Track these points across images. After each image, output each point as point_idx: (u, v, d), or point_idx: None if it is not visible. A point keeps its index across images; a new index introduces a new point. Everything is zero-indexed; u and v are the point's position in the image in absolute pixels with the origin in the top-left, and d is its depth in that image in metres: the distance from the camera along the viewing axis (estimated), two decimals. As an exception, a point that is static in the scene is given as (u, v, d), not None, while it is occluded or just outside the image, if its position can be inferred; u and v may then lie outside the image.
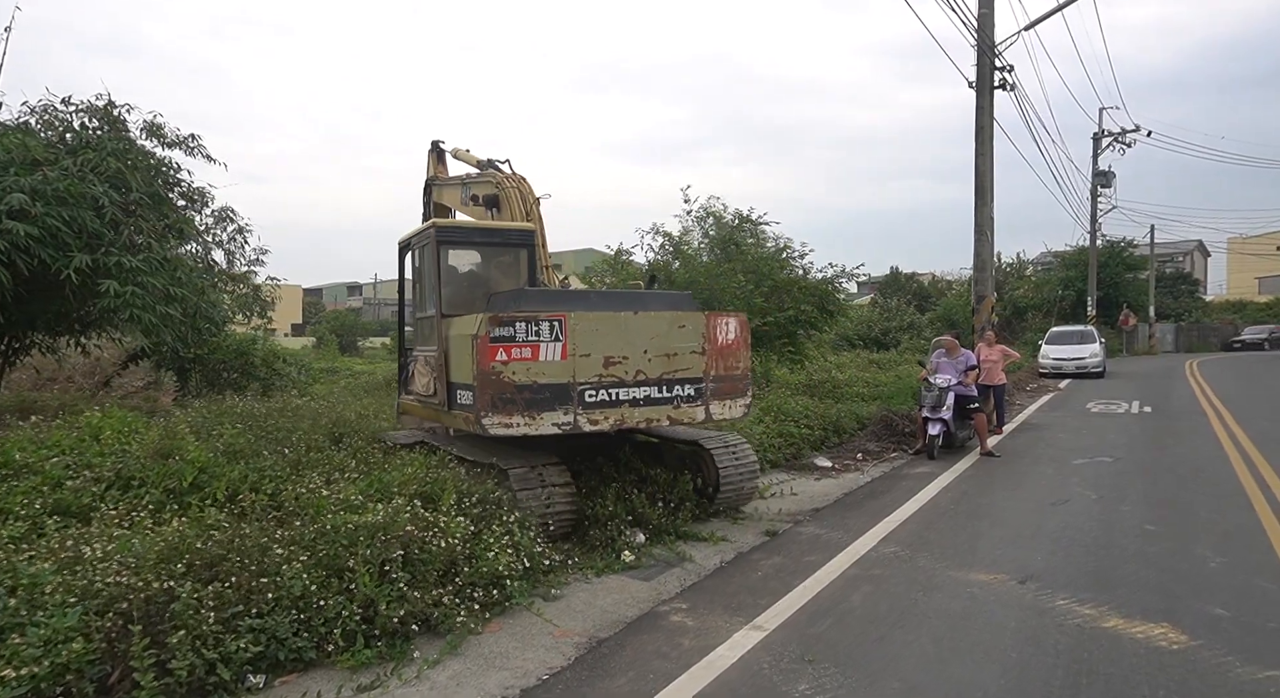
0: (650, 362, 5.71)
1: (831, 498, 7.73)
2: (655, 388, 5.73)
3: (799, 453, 9.74)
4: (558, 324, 5.37)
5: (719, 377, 6.02)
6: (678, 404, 5.84)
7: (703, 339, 5.95)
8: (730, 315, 6.21)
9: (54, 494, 4.65)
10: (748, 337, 6.30)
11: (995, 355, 12.00)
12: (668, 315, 5.91)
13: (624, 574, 5.31)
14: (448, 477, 5.20)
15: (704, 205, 15.29)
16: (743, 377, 6.20)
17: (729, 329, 6.12)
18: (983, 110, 12.95)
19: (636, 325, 5.71)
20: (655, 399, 5.74)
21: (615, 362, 5.56)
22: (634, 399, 5.64)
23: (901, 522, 6.66)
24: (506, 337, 5.22)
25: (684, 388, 5.85)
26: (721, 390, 6.04)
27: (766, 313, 13.50)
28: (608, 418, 5.56)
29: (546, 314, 5.39)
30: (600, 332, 5.53)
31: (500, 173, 7.62)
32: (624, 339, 5.61)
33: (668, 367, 5.80)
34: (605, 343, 5.54)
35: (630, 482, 6.60)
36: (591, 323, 5.51)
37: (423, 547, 4.29)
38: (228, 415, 7.87)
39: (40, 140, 9.11)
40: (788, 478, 8.62)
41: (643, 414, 5.71)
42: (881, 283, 50.73)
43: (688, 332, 5.92)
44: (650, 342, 5.73)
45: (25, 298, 8.77)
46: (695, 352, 5.91)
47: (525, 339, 5.28)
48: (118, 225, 8.95)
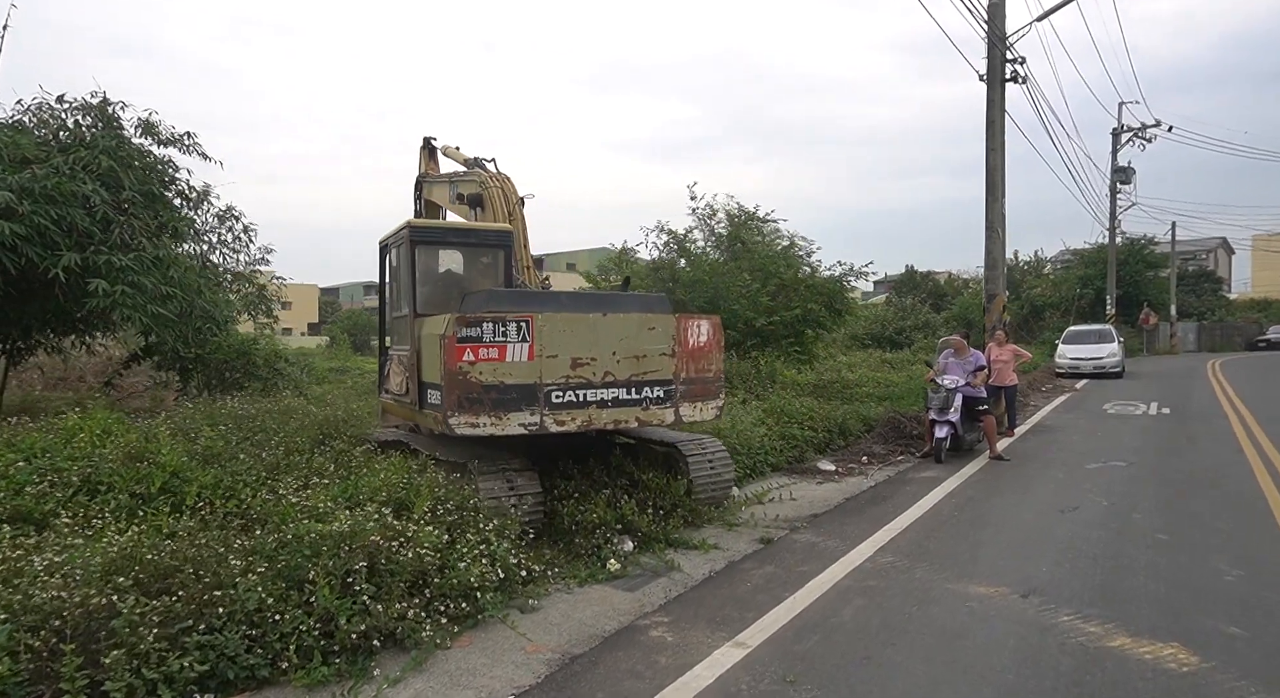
0: (619, 363, 5.66)
1: (832, 503, 7.48)
2: (624, 390, 5.68)
3: (802, 456, 9.49)
4: (525, 325, 5.34)
5: (690, 379, 5.95)
6: (647, 406, 5.78)
7: (673, 341, 5.88)
8: (702, 318, 6.12)
9: (12, 500, 4.50)
10: (721, 339, 6.19)
11: (1006, 356, 11.69)
12: (637, 317, 5.84)
13: (608, 584, 5.10)
14: (423, 483, 5.02)
15: (709, 203, 15.07)
16: (715, 379, 6.11)
17: (701, 331, 6.02)
18: (993, 103, 12.62)
19: (605, 327, 5.66)
20: (624, 401, 5.69)
21: (583, 363, 5.51)
22: (602, 401, 5.59)
23: (902, 529, 6.41)
24: (473, 337, 5.19)
25: (653, 390, 5.80)
26: (693, 392, 5.97)
27: (773, 312, 13.25)
28: (574, 419, 5.51)
29: (514, 315, 5.35)
30: (568, 333, 5.49)
31: (485, 172, 7.57)
32: (592, 341, 5.57)
33: (636, 368, 5.74)
34: (573, 344, 5.49)
35: (621, 486, 6.41)
36: (559, 324, 5.46)
37: (389, 557, 4.10)
38: (216, 416, 7.75)
39: (32, 138, 9.02)
40: (788, 482, 8.37)
41: (611, 416, 5.66)
42: (897, 281, 50.21)
43: (657, 334, 5.84)
44: (619, 343, 5.68)
45: (16, 298, 8.69)
46: (665, 354, 5.85)
47: (492, 340, 5.25)
48: (109, 224, 8.84)
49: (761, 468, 8.65)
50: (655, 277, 13.72)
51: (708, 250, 14.78)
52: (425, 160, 9.43)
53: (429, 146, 9.41)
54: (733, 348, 13.67)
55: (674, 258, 14.21)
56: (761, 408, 10.31)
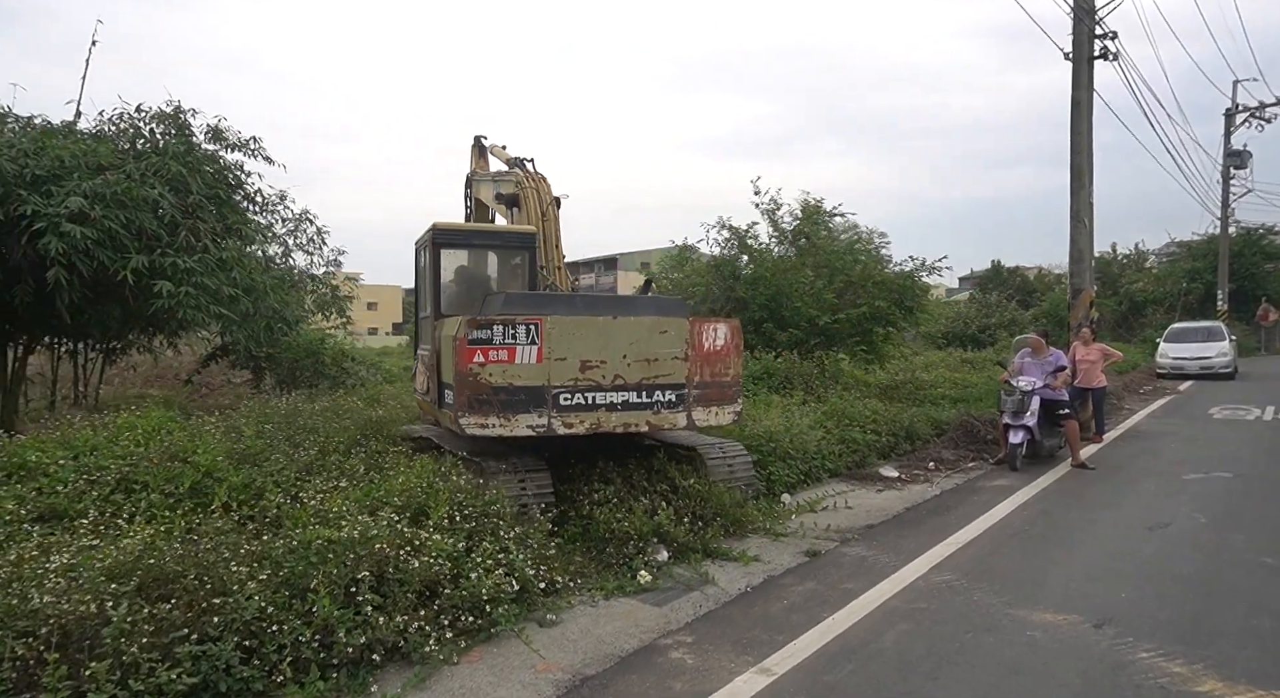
0: (629, 367, 5.64)
1: (890, 513, 6.99)
2: (634, 393, 5.65)
3: (863, 461, 8.98)
4: (533, 328, 5.38)
5: (705, 383, 5.87)
6: (658, 410, 5.74)
7: (686, 345, 5.80)
8: (720, 321, 6.04)
9: (47, 499, 4.57)
10: (739, 343, 6.09)
11: (1093, 355, 10.82)
12: (648, 320, 5.79)
13: (636, 597, 4.84)
14: (443, 488, 4.85)
15: (774, 196, 14.53)
16: (733, 383, 6.02)
17: (717, 335, 5.93)
18: (1079, 83, 11.67)
19: (615, 330, 5.63)
20: (634, 404, 5.65)
21: (592, 366, 5.51)
22: (611, 404, 5.57)
23: (963, 544, 5.90)
24: (484, 339, 5.28)
25: (665, 394, 5.74)
26: (708, 397, 5.89)
27: (838, 310, 12.67)
28: (583, 422, 5.51)
29: (523, 318, 5.40)
30: (577, 336, 5.48)
31: (522, 172, 7.64)
32: (602, 344, 5.55)
33: (648, 372, 5.70)
34: (582, 347, 5.49)
35: (660, 493, 6.11)
36: (568, 327, 5.47)
37: (397, 566, 3.95)
38: (271, 414, 7.87)
39: (110, 146, 9.39)
40: (846, 489, 7.91)
41: (620, 419, 5.62)
42: (981, 277, 48.03)
43: (670, 337, 5.77)
44: (629, 347, 5.65)
45: (93, 299, 9.05)
46: (677, 358, 5.78)
47: (502, 342, 5.33)
48: (176, 227, 9.12)
49: (817, 473, 8.21)
50: (716, 274, 13.35)
51: (771, 246, 14.29)
52: (475, 158, 9.43)
53: (479, 145, 9.42)
54: (795, 347, 13.17)
55: (735, 255, 13.79)
56: (821, 410, 9.83)
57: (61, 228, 7.89)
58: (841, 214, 14.34)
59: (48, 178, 8.42)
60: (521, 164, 7.89)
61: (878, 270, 13.25)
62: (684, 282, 14.07)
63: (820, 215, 13.88)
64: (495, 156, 8.67)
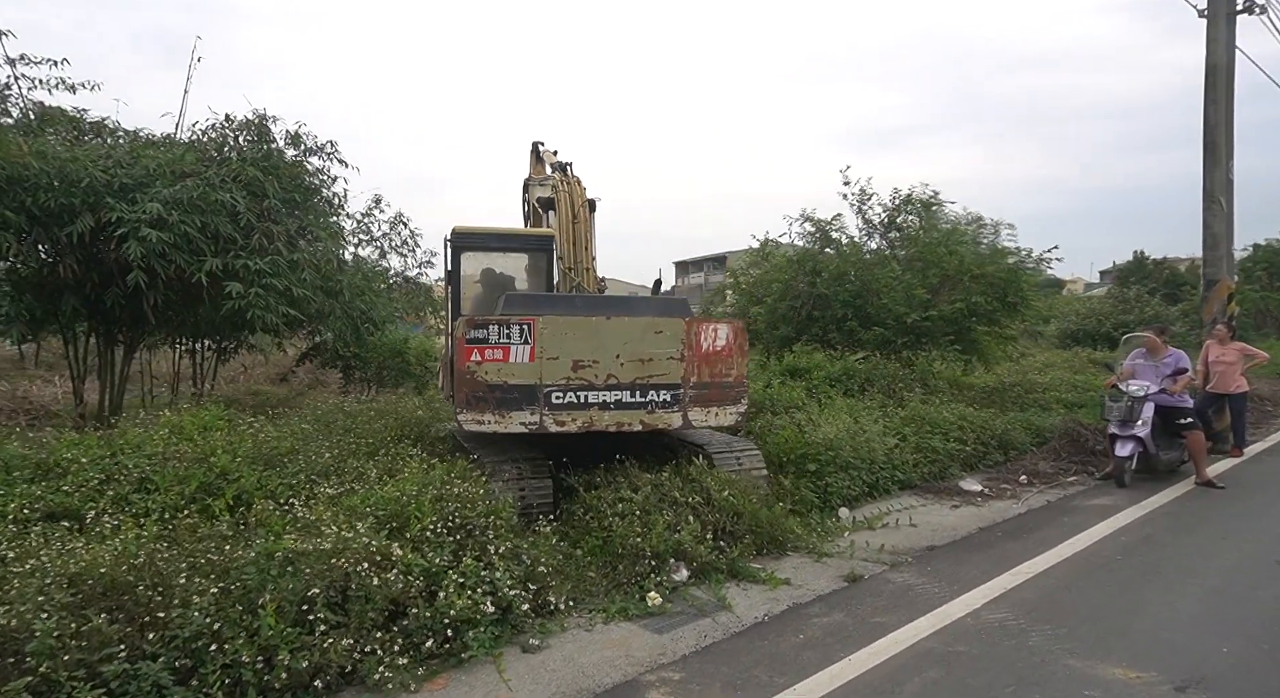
0: (622, 366, 5.69)
1: (959, 533, 6.22)
2: (627, 392, 5.69)
3: (943, 472, 8.13)
4: (526, 327, 5.52)
5: (703, 384, 5.85)
6: (652, 409, 5.75)
7: (681, 345, 5.80)
8: (721, 322, 6.05)
9: (57, 498, 4.64)
10: (743, 344, 6.04)
11: (1230, 356, 9.40)
12: (642, 321, 5.83)
13: (639, 622, 4.41)
14: (429, 497, 4.58)
15: (863, 187, 13.60)
16: (735, 384, 5.98)
17: (717, 336, 5.91)
18: (1216, 42, 10.14)
19: (608, 330, 5.70)
20: (627, 404, 5.70)
21: (584, 365, 5.60)
22: (604, 403, 5.64)
23: (1035, 575, 5.11)
24: (480, 338, 5.46)
25: (659, 394, 5.76)
26: (706, 397, 5.86)
27: (930, 306, 11.67)
28: (575, 420, 5.60)
29: (517, 318, 5.55)
30: (569, 336, 5.59)
31: (558, 177, 7.87)
32: (594, 344, 5.64)
33: (641, 372, 5.73)
34: (574, 347, 5.59)
35: (692, 504, 5.63)
36: (560, 327, 5.59)
37: (360, 583, 3.71)
38: (327, 414, 7.97)
39: (197, 154, 9.84)
40: (916, 503, 7.15)
41: (613, 418, 5.67)
42: (1123, 270, 43.96)
43: (665, 337, 5.78)
44: (623, 347, 5.71)
45: (177, 301, 9.50)
46: (672, 358, 5.78)
47: (497, 341, 5.49)
48: (251, 230, 9.44)
49: (886, 485, 7.47)
50: (796, 269, 12.60)
51: (860, 239, 13.38)
52: (533, 163, 9.43)
53: (536, 150, 9.45)
54: (882, 347, 12.26)
55: (818, 249, 12.98)
56: (900, 415, 9.01)
57: (140, 232, 8.29)
58: (939, 203, 13.23)
59: (134, 185, 8.90)
60: (561, 168, 8.08)
61: (977, 263, 12.09)
62: (763, 279, 13.40)
63: (913, 205, 12.86)
64: (546, 161, 8.77)
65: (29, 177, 8.37)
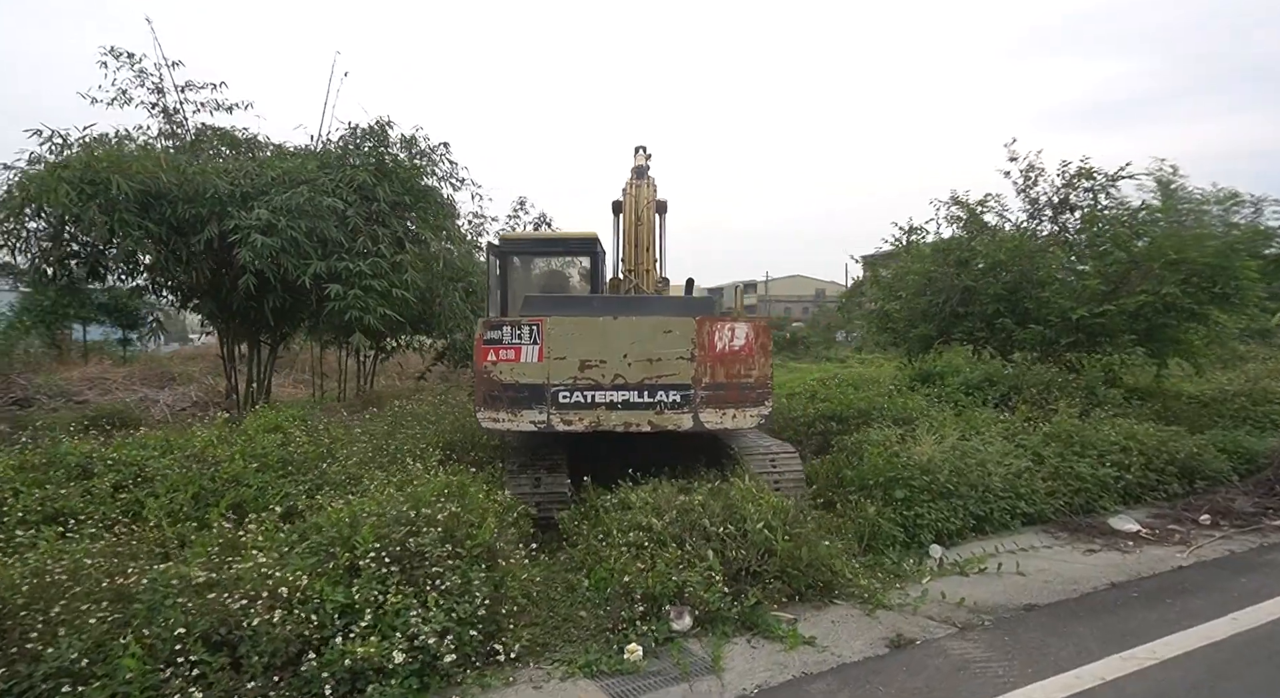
0: (630, 366, 5.65)
1: (1078, 589, 4.86)
2: (635, 393, 5.63)
3: (1090, 505, 6.56)
4: (535, 328, 5.58)
5: (716, 384, 5.70)
6: (660, 410, 5.66)
7: (692, 345, 5.68)
8: (739, 321, 5.89)
9: (58, 501, 4.74)
10: (765, 343, 5.81)
11: None
12: (651, 320, 5.77)
13: (602, 681, 3.72)
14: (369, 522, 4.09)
15: (1030, 163, 11.63)
16: (757, 385, 5.76)
17: (733, 335, 5.74)
18: None
19: (615, 330, 5.67)
20: (634, 404, 5.64)
21: (591, 365, 5.60)
22: (611, 402, 5.61)
23: (1158, 662, 3.77)
24: (495, 339, 5.61)
25: (668, 394, 5.65)
26: (721, 398, 5.70)
27: (1106, 299, 9.70)
28: (582, 420, 5.62)
29: (527, 318, 5.64)
30: (576, 336, 5.61)
31: (629, 179, 8.08)
32: (601, 343, 5.63)
33: (650, 372, 5.66)
34: (581, 347, 5.60)
35: (724, 535, 4.79)
36: (568, 327, 5.62)
37: (238, 625, 3.32)
38: (400, 417, 7.96)
39: (318, 162, 10.32)
40: (1039, 544, 5.77)
41: (620, 418, 5.63)
42: None
43: (674, 337, 5.68)
44: (630, 346, 5.66)
45: (291, 302, 10.00)
46: (683, 358, 5.67)
47: (510, 342, 5.60)
48: (357, 233, 9.73)
49: (1003, 519, 6.12)
50: (940, 260, 11.00)
51: (1024, 223, 11.47)
52: None
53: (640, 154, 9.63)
54: (1042, 348, 10.38)
55: (964, 236, 11.25)
56: (1044, 430, 7.44)
57: (250, 238, 8.76)
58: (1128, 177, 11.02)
59: (255, 194, 9.46)
60: (639, 171, 8.25)
61: (1174, 246, 9.85)
62: (901, 271, 11.89)
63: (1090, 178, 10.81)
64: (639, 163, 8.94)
65: (168, 191, 9.15)
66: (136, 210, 8.99)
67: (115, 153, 9.02)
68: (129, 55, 10.68)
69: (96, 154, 8.85)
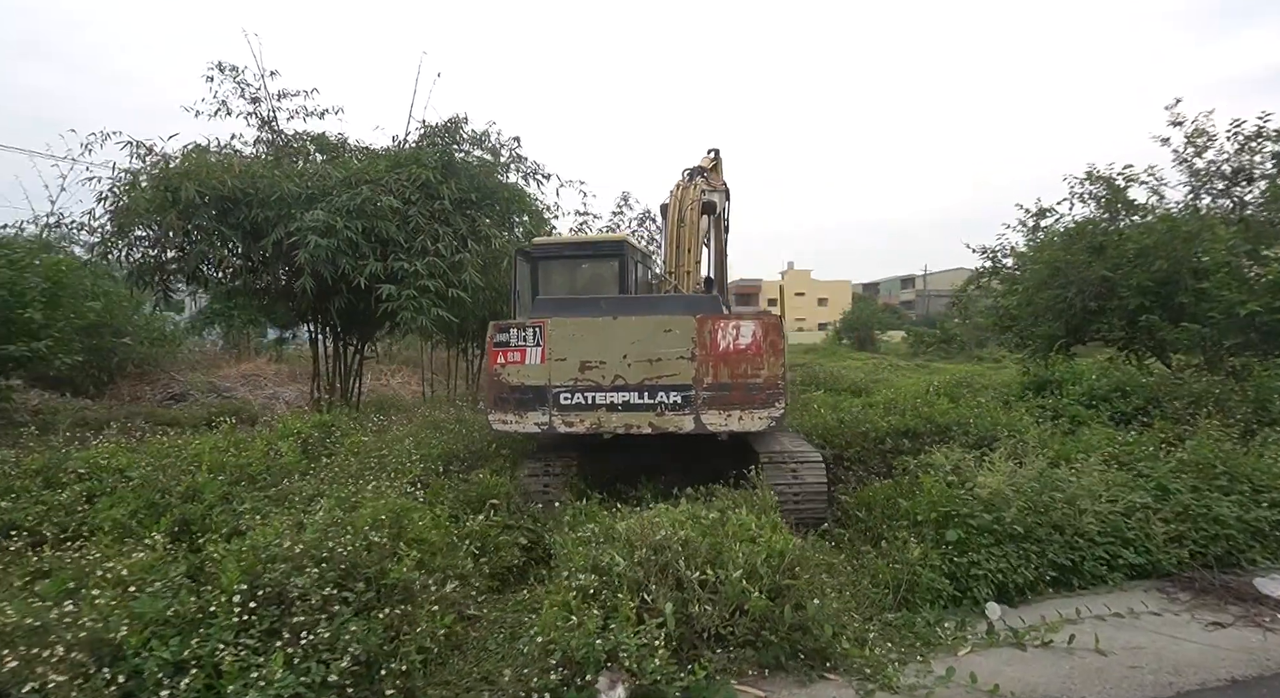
0: (630, 367, 5.54)
1: (1175, 686, 3.57)
2: (635, 394, 5.53)
3: (1233, 556, 5.04)
4: (538, 330, 5.58)
5: (720, 384, 5.50)
6: (661, 411, 5.52)
7: (693, 344, 5.49)
8: (747, 319, 5.62)
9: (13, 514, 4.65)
10: (776, 342, 5.48)
11: None
12: (651, 320, 5.62)
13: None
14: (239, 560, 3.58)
15: (1199, 126, 9.55)
16: (766, 386, 5.50)
17: (740, 334, 5.49)
18: None
19: (615, 331, 5.57)
20: (635, 405, 5.53)
21: (591, 366, 5.56)
22: (611, 404, 5.53)
23: None
24: (504, 342, 5.64)
25: (669, 395, 5.51)
26: (726, 399, 5.49)
27: (1282, 289, 7.70)
28: (583, 421, 5.57)
29: (532, 321, 5.66)
30: (576, 337, 5.58)
31: (679, 181, 8.10)
32: (601, 344, 5.56)
33: (650, 372, 5.53)
34: (582, 348, 5.58)
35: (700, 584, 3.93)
36: (568, 329, 5.60)
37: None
38: (440, 423, 7.65)
39: (388, 162, 10.26)
40: (1142, 609, 4.43)
41: (621, 419, 5.55)
42: None
43: (674, 336, 5.50)
44: (630, 347, 5.54)
45: (354, 301, 9.97)
46: (683, 358, 5.51)
47: (516, 344, 5.63)
48: (418, 232, 9.53)
49: (1099, 569, 4.77)
50: (1070, 246, 9.24)
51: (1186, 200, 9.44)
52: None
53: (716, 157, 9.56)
54: (1201, 349, 8.44)
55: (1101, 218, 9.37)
56: (1175, 458, 5.86)
57: (306, 239, 8.77)
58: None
59: (320, 196, 9.50)
60: (691, 173, 8.28)
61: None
62: (1025, 258, 10.17)
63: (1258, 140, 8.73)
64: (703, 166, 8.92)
65: (243, 196, 9.38)
66: (214, 216, 9.30)
67: (193, 161, 9.36)
68: (233, 68, 11.17)
69: (173, 165, 9.20)
